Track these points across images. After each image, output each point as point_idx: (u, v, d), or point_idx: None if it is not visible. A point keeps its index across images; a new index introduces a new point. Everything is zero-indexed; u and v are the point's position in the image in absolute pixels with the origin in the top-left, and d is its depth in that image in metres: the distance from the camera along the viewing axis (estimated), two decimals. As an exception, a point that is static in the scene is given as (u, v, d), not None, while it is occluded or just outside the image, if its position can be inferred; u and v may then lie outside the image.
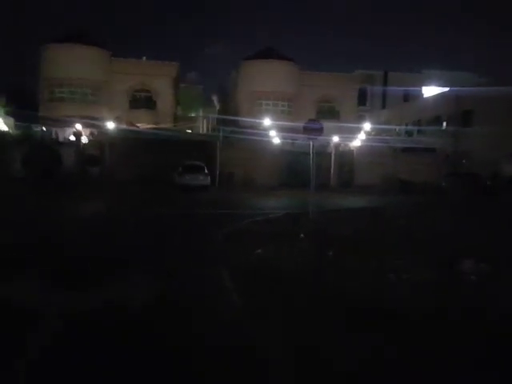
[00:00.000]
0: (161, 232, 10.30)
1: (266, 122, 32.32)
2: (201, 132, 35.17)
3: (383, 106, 52.74)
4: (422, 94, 52.24)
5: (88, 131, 29.10)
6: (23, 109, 30.14)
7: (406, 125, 43.53)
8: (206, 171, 25.21)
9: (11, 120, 31.81)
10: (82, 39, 35.89)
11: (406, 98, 53.08)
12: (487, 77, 48.94)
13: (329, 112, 40.81)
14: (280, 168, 30.00)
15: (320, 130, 12.71)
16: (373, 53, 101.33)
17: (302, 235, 9.46)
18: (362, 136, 29.56)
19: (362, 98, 48.43)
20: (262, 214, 14.40)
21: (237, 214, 14.58)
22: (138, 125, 32.87)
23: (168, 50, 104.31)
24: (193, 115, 38.90)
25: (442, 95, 42.31)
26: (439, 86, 50.20)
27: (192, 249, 8.14)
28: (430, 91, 51.66)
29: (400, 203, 19.84)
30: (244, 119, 35.33)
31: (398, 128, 39.58)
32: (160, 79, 37.95)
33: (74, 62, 35.20)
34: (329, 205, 17.52)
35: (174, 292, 5.45)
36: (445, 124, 40.48)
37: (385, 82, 53.21)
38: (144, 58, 39.30)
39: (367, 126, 30.89)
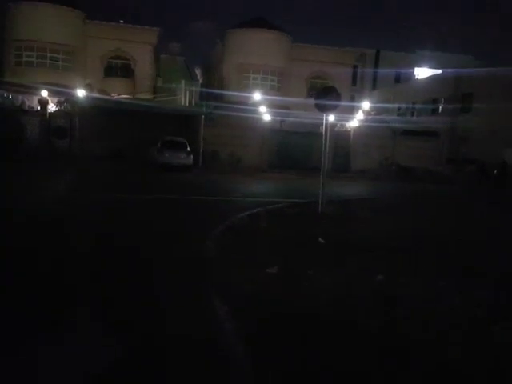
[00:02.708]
0: (124, 232, 7.50)
1: (256, 96, 29.50)
2: (183, 105, 32.08)
3: (373, 87, 50.46)
4: (415, 76, 50.09)
5: (56, 99, 25.82)
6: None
7: (399, 108, 41.46)
8: (189, 149, 22.44)
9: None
10: (53, -2, 32.07)
11: (398, 79, 50.83)
12: (483, 59, 46.84)
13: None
14: (269, 148, 27.43)
15: (335, 107, 10.15)
16: (364, 30, 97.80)
17: (320, 240, 7.00)
18: (359, 116, 27.07)
19: (352, 78, 45.94)
20: (258, 203, 11.87)
21: (227, 202, 12.04)
22: (113, 94, 29.64)
23: (149, 17, 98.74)
24: (174, 86, 35.61)
25: (439, 76, 40.21)
26: (432, 67, 48.10)
27: (168, 265, 5.55)
28: (422, 73, 49.56)
29: (411, 193, 17.59)
30: (230, 93, 32.47)
31: (401, 107, 37.37)
32: (139, 46, 34.44)
33: (44, 24, 31.42)
34: (331, 193, 15.09)
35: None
36: (441, 107, 38.70)
37: (376, 62, 50.81)
38: (122, 21, 35.64)
39: (366, 104, 28.38)
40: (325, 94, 9.99)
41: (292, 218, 9.08)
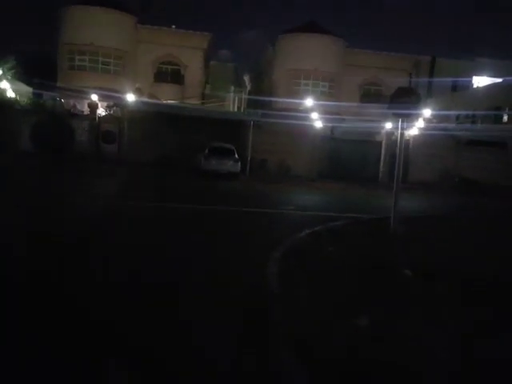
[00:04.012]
0: (166, 251, 6.48)
1: (307, 102, 28.22)
2: (231, 112, 31.33)
3: (429, 95, 47.98)
4: (473, 84, 47.23)
5: (105, 104, 25.63)
6: (40, 76, 26.75)
7: (457, 117, 39.03)
8: (237, 156, 21.47)
9: (26, 88, 28.60)
10: (105, 2, 32.18)
11: (455, 87, 48.07)
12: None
13: (375, 96, 36.34)
14: (320, 157, 26.03)
15: (415, 112, 8.73)
16: (418, 36, 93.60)
17: (407, 272, 5.65)
18: (419, 123, 25.14)
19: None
20: (314, 217, 10.64)
21: (280, 216, 10.82)
22: (162, 100, 29.26)
23: (199, 23, 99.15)
24: (222, 93, 34.95)
25: (502, 84, 37.52)
26: (492, 76, 45.16)
27: (219, 309, 4.35)
28: (481, 81, 46.62)
29: (482, 209, 15.75)
30: (279, 99, 31.37)
31: (460, 116, 35.12)
32: (190, 51, 34.09)
33: (97, 27, 31.52)
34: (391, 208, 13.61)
35: None
36: (506, 116, 36.09)
37: (431, 69, 48.34)
38: (173, 26, 35.39)
39: (426, 112, 26.41)
40: (402, 96, 8.60)
41: (361, 240, 7.74)
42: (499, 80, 39.89)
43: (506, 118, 35.97)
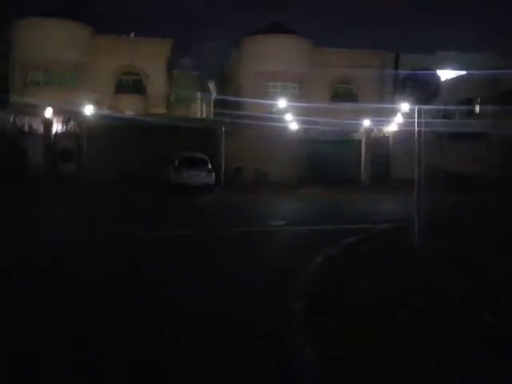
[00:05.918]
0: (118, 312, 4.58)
1: (280, 104, 26.74)
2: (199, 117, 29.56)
3: (395, 91, 47.51)
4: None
5: (62, 119, 23.36)
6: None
7: (430, 111, 38.64)
8: (210, 166, 19.66)
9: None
10: (59, 13, 29.84)
11: (420, 82, 47.84)
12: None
13: (346, 95, 35.18)
14: (297, 161, 24.52)
15: (434, 85, 7.14)
16: (382, 32, 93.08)
17: (487, 318, 4.04)
18: (398, 119, 24.01)
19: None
20: (313, 234, 9.03)
21: (274, 235, 9.11)
22: (125, 112, 27.15)
23: (159, 31, 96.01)
24: (189, 99, 32.98)
25: (469, 76, 37.33)
26: (456, 69, 45.11)
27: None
28: (445, 75, 46.54)
29: (489, 210, 14.46)
30: (249, 101, 29.79)
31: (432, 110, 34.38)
32: (152, 59, 31.93)
33: (49, 40, 29.17)
34: (385, 213, 12.34)
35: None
36: (478, 108, 35.85)
37: (396, 64, 48.01)
38: (132, 33, 33.20)
39: (405, 106, 25.26)
40: (416, 79, 7.08)
41: (388, 266, 6.07)
42: (463, 73, 39.72)
43: (478, 109, 35.70)
